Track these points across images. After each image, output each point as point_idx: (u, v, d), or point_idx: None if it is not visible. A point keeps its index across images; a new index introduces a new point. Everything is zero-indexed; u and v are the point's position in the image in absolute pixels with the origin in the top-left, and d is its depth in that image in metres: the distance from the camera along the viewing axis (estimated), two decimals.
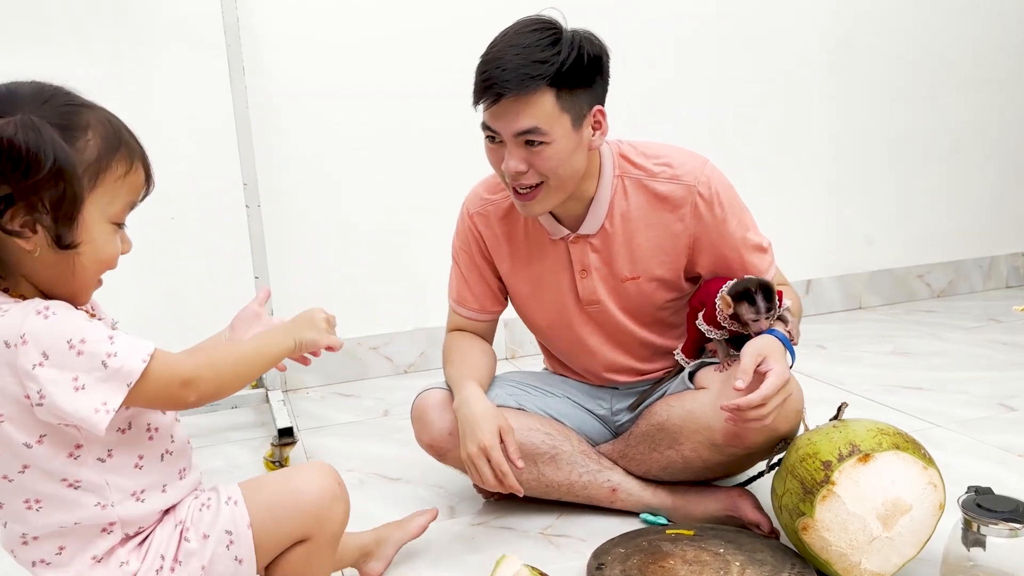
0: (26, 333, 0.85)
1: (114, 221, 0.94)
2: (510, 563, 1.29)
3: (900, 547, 1.26)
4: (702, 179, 1.50)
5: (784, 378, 1.33)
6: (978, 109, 3.24)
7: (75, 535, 0.95)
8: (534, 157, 1.39)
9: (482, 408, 1.47)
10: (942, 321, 2.95)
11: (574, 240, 1.55)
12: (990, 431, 1.94)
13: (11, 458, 0.91)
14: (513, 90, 1.34)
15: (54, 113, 0.88)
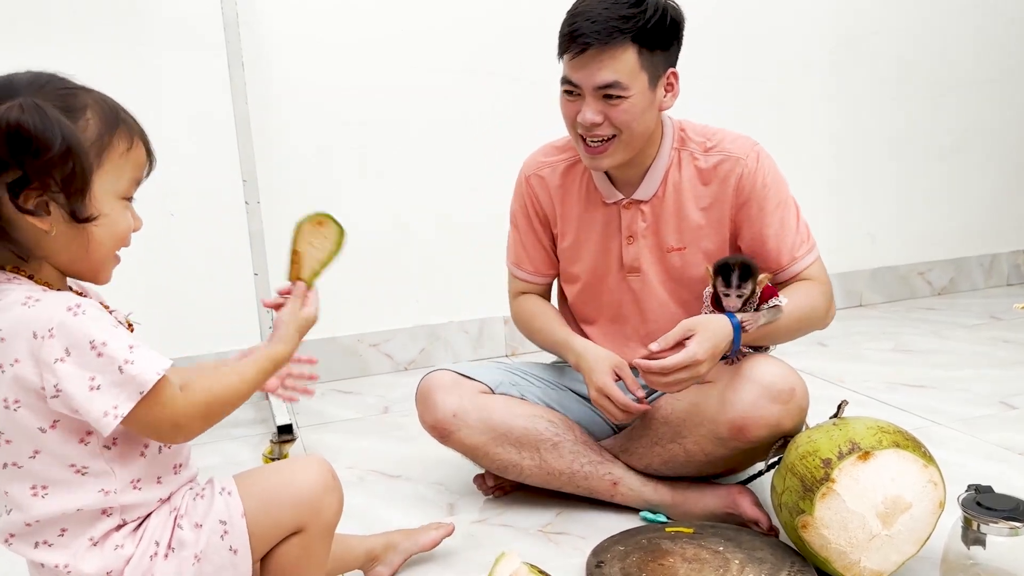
0: (54, 327, 0.88)
1: (123, 197, 0.96)
2: (509, 561, 1.29)
3: (900, 545, 1.26)
4: (751, 154, 1.55)
5: (692, 357, 1.36)
6: (979, 107, 3.24)
7: (76, 519, 0.96)
8: (611, 110, 1.45)
9: (594, 354, 1.56)
10: (943, 319, 2.95)
11: (627, 205, 1.59)
12: (991, 429, 1.93)
13: (25, 443, 0.92)
14: (599, 42, 1.40)
15: (53, 96, 0.90)
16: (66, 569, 0.96)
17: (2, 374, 0.90)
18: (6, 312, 0.90)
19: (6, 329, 0.89)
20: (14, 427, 0.92)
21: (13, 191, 0.88)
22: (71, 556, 0.96)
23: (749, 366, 1.45)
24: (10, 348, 0.89)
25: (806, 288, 1.55)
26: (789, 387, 1.42)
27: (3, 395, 0.91)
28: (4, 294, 0.91)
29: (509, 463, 1.60)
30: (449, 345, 2.76)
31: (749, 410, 1.42)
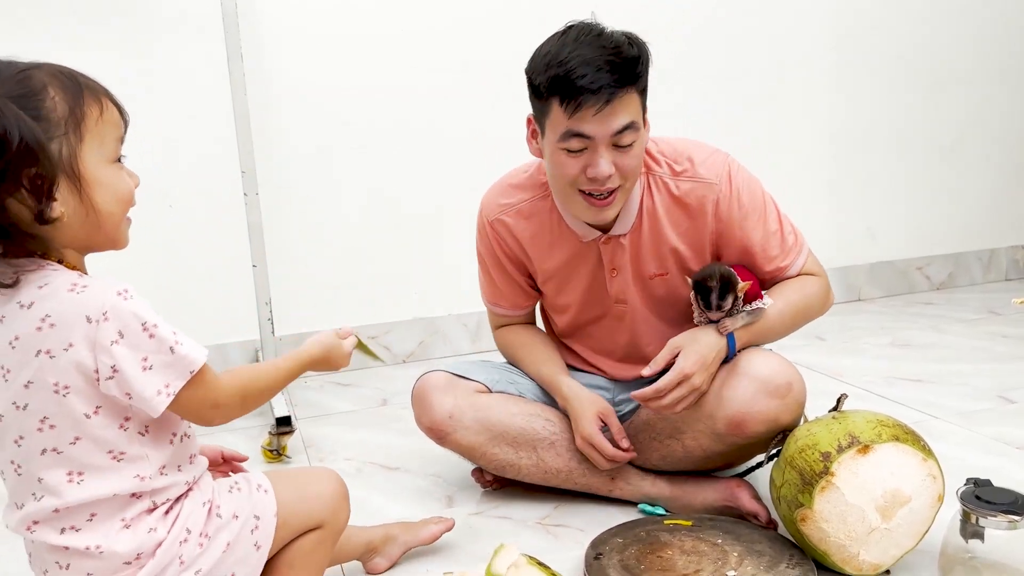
0: (108, 311, 0.90)
1: (113, 160, 0.96)
2: (508, 553, 1.29)
3: (899, 538, 1.26)
4: (723, 176, 1.50)
5: (681, 373, 1.40)
6: (979, 103, 3.23)
7: (108, 504, 0.97)
8: (621, 158, 1.40)
9: (579, 401, 1.56)
10: (942, 313, 2.95)
11: (605, 241, 1.55)
12: (989, 423, 1.93)
13: (68, 429, 0.93)
14: (619, 91, 1.35)
15: (10, 84, 0.89)
16: (98, 550, 0.96)
17: (53, 360, 0.91)
18: (53, 299, 0.91)
19: (56, 315, 0.90)
20: (61, 413, 0.93)
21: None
22: (102, 537, 0.96)
23: (746, 361, 1.45)
24: (63, 333, 0.90)
25: (798, 282, 1.54)
26: (786, 381, 1.42)
27: (55, 380, 0.91)
28: (46, 281, 0.92)
29: (506, 463, 1.60)
30: (447, 338, 2.76)
31: (746, 406, 1.42)
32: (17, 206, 0.89)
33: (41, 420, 0.93)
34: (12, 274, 0.92)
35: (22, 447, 0.94)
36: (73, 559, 0.96)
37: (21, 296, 0.92)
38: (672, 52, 2.82)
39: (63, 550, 0.96)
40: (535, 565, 1.29)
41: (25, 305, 0.91)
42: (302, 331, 2.59)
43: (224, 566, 1.02)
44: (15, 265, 0.93)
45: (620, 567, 1.33)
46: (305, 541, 1.11)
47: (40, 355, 0.91)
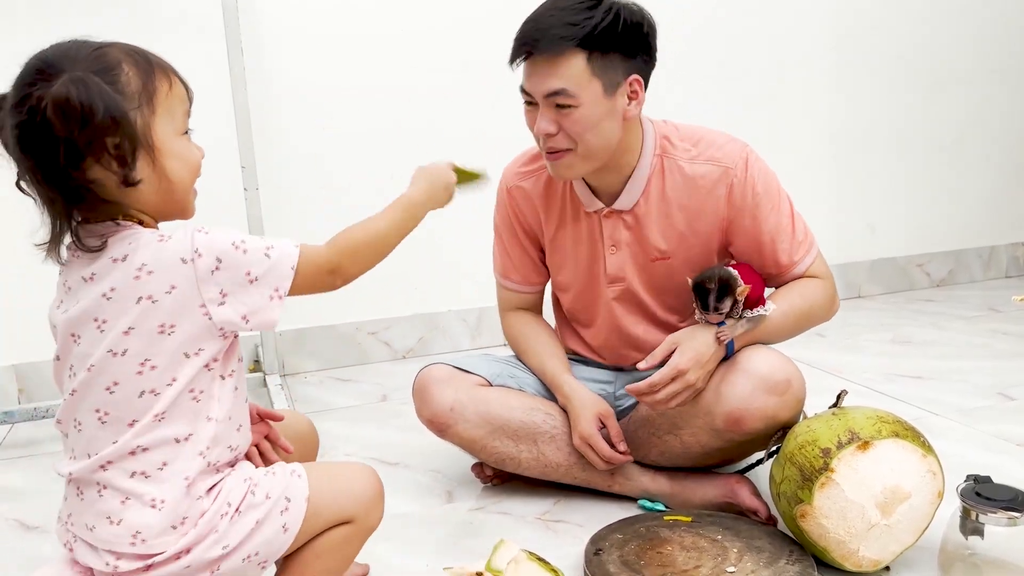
0: (198, 247, 0.96)
1: (182, 132, 1.02)
2: (508, 548, 1.30)
3: (898, 535, 1.26)
4: (740, 163, 1.49)
5: (676, 369, 1.40)
6: (980, 100, 3.23)
7: (178, 452, 0.99)
8: (563, 119, 1.41)
9: (580, 401, 1.57)
10: (942, 310, 2.95)
11: (607, 214, 1.56)
12: (989, 420, 1.93)
13: (167, 370, 0.98)
14: (543, 49, 1.37)
15: (88, 61, 0.94)
16: (161, 503, 0.98)
17: (156, 303, 0.96)
18: (145, 249, 0.96)
19: (152, 262, 0.96)
20: (163, 352, 0.97)
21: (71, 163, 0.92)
22: (168, 491, 0.98)
23: (745, 358, 1.44)
24: (163, 278, 0.96)
25: (803, 286, 1.52)
26: (785, 378, 1.42)
27: (159, 322, 0.96)
28: (133, 238, 0.97)
29: (507, 456, 1.60)
30: (448, 334, 2.75)
31: (745, 402, 1.41)
32: (101, 172, 0.94)
33: (141, 363, 0.97)
34: (99, 238, 0.97)
35: (115, 392, 0.98)
36: (127, 513, 0.98)
37: (112, 252, 0.97)
38: (672, 52, 2.79)
39: (122, 502, 0.98)
40: (535, 561, 1.29)
41: (119, 259, 0.96)
42: (302, 326, 2.59)
43: (250, 544, 1.02)
44: (102, 228, 0.98)
45: (620, 563, 1.33)
46: (335, 533, 1.10)
47: (142, 301, 0.96)
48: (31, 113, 0.91)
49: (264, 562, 1.05)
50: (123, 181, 0.95)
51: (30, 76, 0.93)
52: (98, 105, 0.91)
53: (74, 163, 0.93)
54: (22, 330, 2.41)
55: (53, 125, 0.91)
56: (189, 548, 0.99)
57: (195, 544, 0.99)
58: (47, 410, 2.10)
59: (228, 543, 1.01)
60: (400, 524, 1.59)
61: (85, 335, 0.99)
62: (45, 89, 0.91)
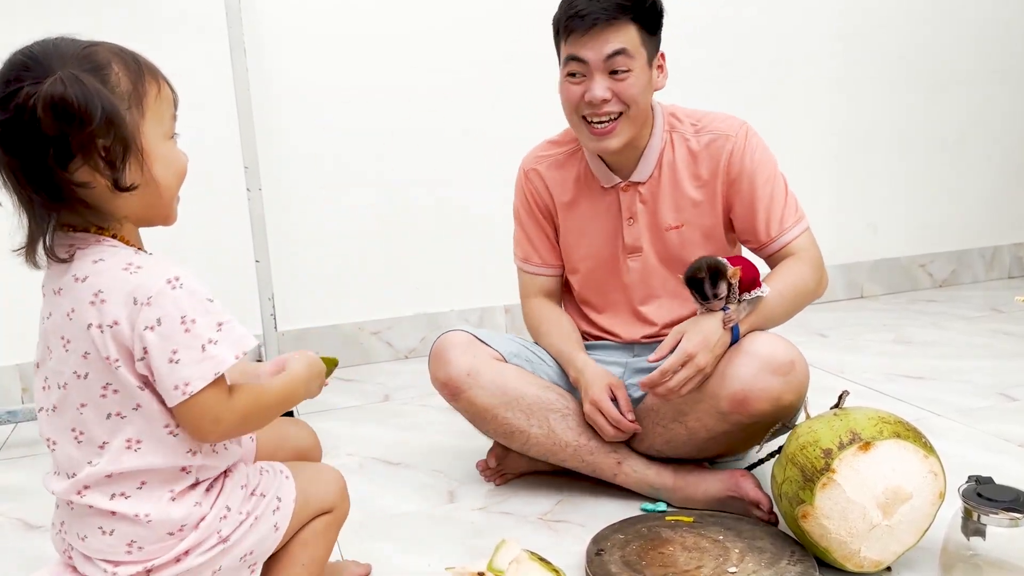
0: (153, 297, 0.92)
1: (169, 136, 0.99)
2: (509, 548, 1.30)
3: (900, 535, 1.26)
4: (739, 132, 1.61)
5: (686, 354, 1.42)
6: (981, 100, 3.23)
7: (158, 474, 0.99)
8: (618, 84, 1.50)
9: (592, 372, 1.61)
10: (944, 310, 2.95)
11: (625, 187, 1.64)
12: (991, 420, 1.93)
13: (128, 397, 0.96)
14: (606, 17, 1.47)
15: (78, 60, 0.91)
16: (146, 518, 0.97)
17: (103, 334, 0.93)
18: (106, 274, 0.93)
19: (107, 292, 0.93)
20: (118, 382, 0.95)
21: (59, 163, 0.90)
22: (151, 506, 0.98)
23: (748, 341, 1.46)
24: (110, 310, 0.93)
25: (790, 265, 1.58)
26: (789, 360, 1.43)
27: (106, 354, 0.94)
28: (101, 256, 0.95)
29: (517, 429, 1.60)
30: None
31: (750, 383, 1.42)
32: (89, 175, 0.91)
33: (104, 387, 0.95)
34: (67, 248, 0.95)
35: (84, 414, 0.97)
36: (119, 525, 0.98)
37: (76, 269, 0.94)
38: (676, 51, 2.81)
39: (110, 515, 0.97)
40: (537, 561, 1.29)
41: (80, 279, 0.94)
42: (305, 326, 2.60)
43: (247, 542, 1.04)
44: (72, 239, 0.96)
45: (622, 563, 1.34)
46: (317, 523, 1.15)
47: (91, 328, 0.93)
48: (18, 111, 0.88)
49: (255, 564, 1.07)
50: (114, 185, 0.91)
51: (14, 72, 0.89)
52: (95, 104, 0.88)
53: (62, 164, 0.90)
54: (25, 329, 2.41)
55: (43, 123, 0.87)
56: (188, 551, 0.99)
57: (195, 547, 1.00)
58: None
59: (228, 543, 1.02)
60: (402, 524, 1.59)
61: (55, 351, 0.98)
62: (34, 87, 0.87)
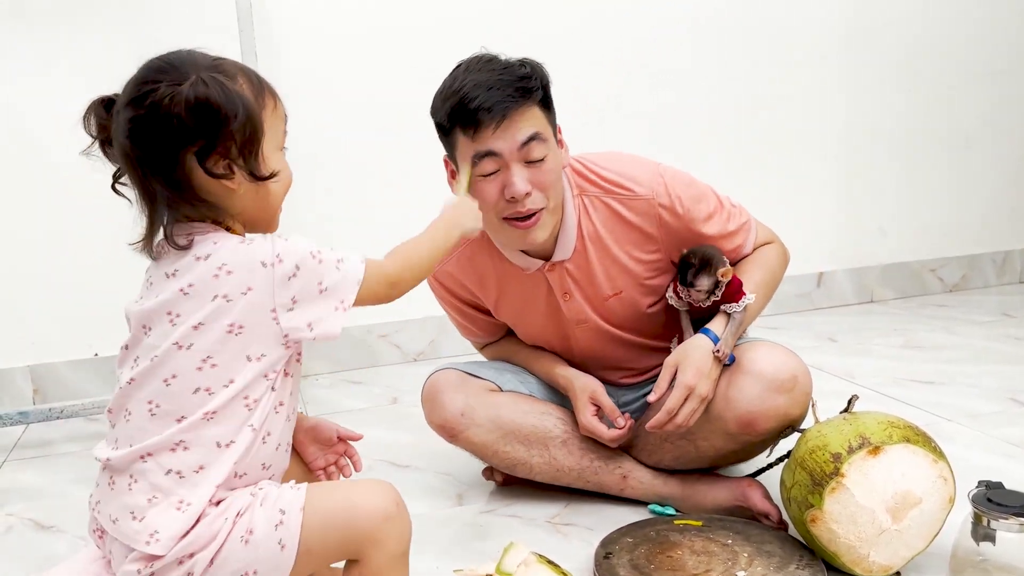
0: (280, 252, 1.00)
1: (280, 148, 1.07)
2: (518, 551, 1.30)
3: (909, 540, 1.26)
4: (659, 190, 1.49)
5: (687, 388, 1.41)
6: (992, 102, 3.21)
7: (217, 458, 1.00)
8: (537, 174, 1.40)
9: (574, 390, 1.60)
10: (954, 315, 2.94)
11: (550, 268, 1.54)
12: (1001, 425, 1.93)
13: (226, 371, 1.00)
14: (513, 106, 1.36)
15: (212, 69, 0.99)
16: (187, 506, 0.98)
17: (229, 303, 0.99)
18: (227, 250, 1.00)
19: (232, 263, 0.99)
20: (227, 352, 1.00)
21: (200, 158, 0.97)
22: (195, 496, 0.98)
23: (748, 359, 1.45)
24: (241, 279, 0.99)
25: (758, 256, 1.57)
26: (791, 375, 1.42)
27: (231, 320, 0.99)
28: (218, 239, 1.02)
29: (518, 461, 1.60)
30: (458, 337, 2.73)
31: (755, 404, 1.42)
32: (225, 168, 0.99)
33: (204, 359, 0.99)
34: (186, 236, 1.01)
35: (172, 385, 1.00)
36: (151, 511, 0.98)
37: (196, 251, 1.00)
38: (682, 52, 2.82)
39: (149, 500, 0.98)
40: (545, 563, 1.29)
41: (201, 257, 1.00)
42: None
43: (244, 557, 0.98)
44: (191, 228, 1.02)
45: (630, 566, 1.34)
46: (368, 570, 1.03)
47: (216, 299, 0.98)
48: (152, 108, 0.96)
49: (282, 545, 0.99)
50: (251, 175, 1.00)
51: (151, 75, 0.98)
52: (236, 103, 0.97)
53: (202, 158, 0.97)
54: (37, 332, 2.43)
55: (186, 120, 0.95)
56: (192, 554, 0.98)
57: (198, 550, 0.98)
58: (62, 410, 2.11)
59: (222, 555, 0.98)
60: None
61: (156, 327, 1.01)
62: (172, 87, 0.95)
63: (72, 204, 2.35)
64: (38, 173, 2.35)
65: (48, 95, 2.30)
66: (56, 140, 2.34)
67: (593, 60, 2.70)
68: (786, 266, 1.62)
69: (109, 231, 2.40)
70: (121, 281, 2.51)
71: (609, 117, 2.73)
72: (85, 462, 2.04)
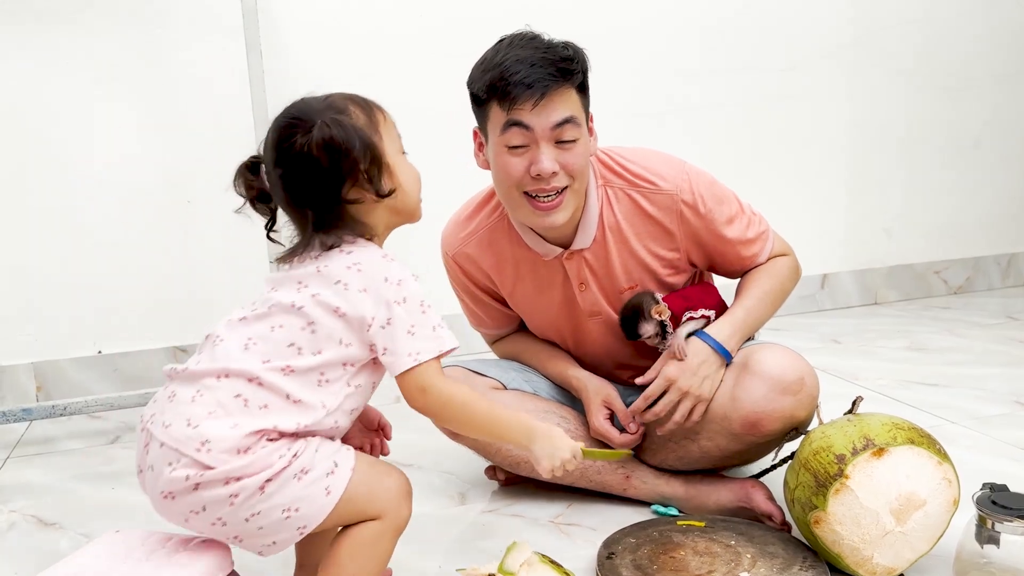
0: (402, 280, 1.12)
1: (401, 151, 1.20)
2: (520, 550, 1.30)
3: (913, 542, 1.25)
4: (683, 186, 1.50)
5: (666, 379, 1.45)
6: (998, 104, 3.21)
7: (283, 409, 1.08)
8: (565, 155, 1.40)
9: (587, 391, 1.61)
10: (959, 317, 2.93)
11: (568, 256, 1.55)
12: (1005, 428, 1.92)
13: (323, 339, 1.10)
14: (555, 84, 1.36)
15: (328, 109, 1.14)
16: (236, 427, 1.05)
17: (347, 291, 1.11)
18: (366, 254, 1.14)
19: (366, 265, 1.13)
20: (326, 326, 1.10)
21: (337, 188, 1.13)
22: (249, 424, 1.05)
23: (756, 360, 1.45)
24: (364, 278, 1.12)
25: (769, 266, 1.58)
26: (798, 377, 1.42)
27: (337, 304, 1.11)
28: (365, 245, 1.16)
29: (521, 459, 1.60)
30: (463, 336, 2.71)
31: (761, 405, 1.42)
32: (356, 192, 1.13)
33: (308, 323, 1.10)
34: (335, 239, 1.15)
35: (275, 332, 1.11)
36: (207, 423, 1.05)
37: (343, 248, 1.15)
38: (688, 50, 2.82)
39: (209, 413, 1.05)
40: (547, 563, 1.29)
41: (344, 252, 1.14)
42: None
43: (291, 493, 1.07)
44: (338, 239, 1.16)
45: (632, 567, 1.33)
46: (365, 531, 1.14)
47: (338, 284, 1.11)
48: (295, 158, 1.12)
49: (303, 527, 1.08)
50: (376, 194, 1.13)
51: (285, 133, 1.14)
52: (354, 139, 1.11)
53: (336, 187, 1.12)
54: (41, 329, 2.43)
55: (321, 160, 1.10)
56: (240, 477, 1.03)
57: (245, 475, 1.04)
58: (65, 408, 2.11)
59: (274, 485, 1.05)
60: (413, 525, 1.58)
61: (283, 288, 1.14)
62: (304, 136, 1.11)
63: (76, 202, 2.36)
64: (42, 171, 2.35)
65: (53, 93, 2.30)
66: (60, 138, 2.35)
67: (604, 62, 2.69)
68: (796, 280, 1.61)
69: (113, 229, 2.42)
70: (124, 279, 2.53)
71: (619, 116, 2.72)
72: (88, 459, 2.05)
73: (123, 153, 2.39)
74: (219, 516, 1.05)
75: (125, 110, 2.37)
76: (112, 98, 2.35)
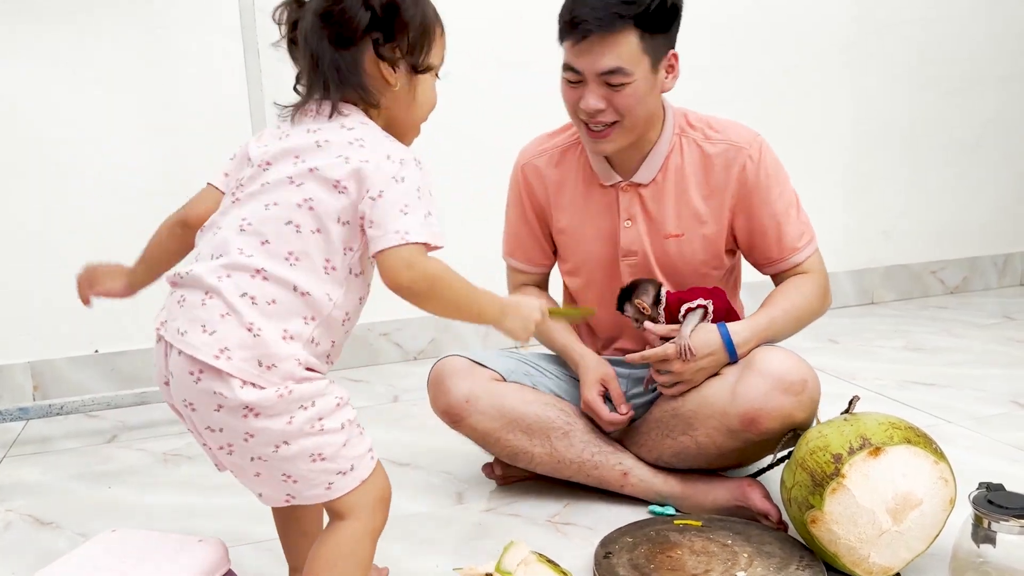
0: (405, 160, 1.07)
1: (436, 73, 1.17)
2: (518, 550, 1.30)
3: (909, 541, 1.26)
4: (754, 145, 1.56)
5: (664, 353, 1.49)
6: (995, 105, 3.22)
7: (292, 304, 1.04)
8: (614, 95, 1.45)
9: (585, 366, 1.63)
10: (956, 317, 2.94)
11: (625, 188, 1.60)
12: (1002, 428, 1.93)
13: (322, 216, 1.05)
14: (600, 28, 1.40)
15: None
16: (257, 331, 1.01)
17: (347, 164, 1.05)
18: (370, 131, 1.10)
19: (368, 141, 1.08)
20: (325, 201, 1.05)
21: (376, 44, 1.08)
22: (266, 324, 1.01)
23: (760, 358, 1.46)
24: (366, 154, 1.06)
25: (798, 284, 1.58)
26: (801, 378, 1.42)
27: (337, 178, 1.05)
28: (366, 122, 1.11)
29: (520, 450, 1.60)
30: (459, 335, 2.76)
31: (761, 402, 1.42)
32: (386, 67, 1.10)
33: (305, 199, 1.05)
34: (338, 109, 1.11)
35: (271, 210, 1.05)
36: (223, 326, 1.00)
37: (344, 121, 1.10)
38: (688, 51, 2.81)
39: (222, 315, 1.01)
40: (545, 563, 1.29)
41: (347, 127, 1.09)
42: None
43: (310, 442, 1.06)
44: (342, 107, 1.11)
45: (630, 566, 1.33)
46: (343, 539, 1.11)
47: (339, 157, 1.06)
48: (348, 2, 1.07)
49: (331, 485, 1.08)
50: (411, 67, 1.11)
51: None
52: (417, 13, 1.10)
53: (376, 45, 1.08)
54: (37, 328, 2.43)
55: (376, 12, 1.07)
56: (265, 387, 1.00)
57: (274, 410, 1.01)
58: (62, 407, 2.11)
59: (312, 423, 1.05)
60: (410, 525, 1.59)
61: (279, 164, 1.08)
62: None
63: (74, 200, 2.36)
64: (40, 169, 2.35)
65: (53, 92, 2.30)
66: (59, 138, 2.35)
67: None
68: (824, 306, 1.62)
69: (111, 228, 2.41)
70: None
71: None
72: (85, 458, 2.04)
73: (122, 152, 2.39)
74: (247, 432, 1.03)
75: (125, 110, 2.37)
76: (112, 98, 2.35)
